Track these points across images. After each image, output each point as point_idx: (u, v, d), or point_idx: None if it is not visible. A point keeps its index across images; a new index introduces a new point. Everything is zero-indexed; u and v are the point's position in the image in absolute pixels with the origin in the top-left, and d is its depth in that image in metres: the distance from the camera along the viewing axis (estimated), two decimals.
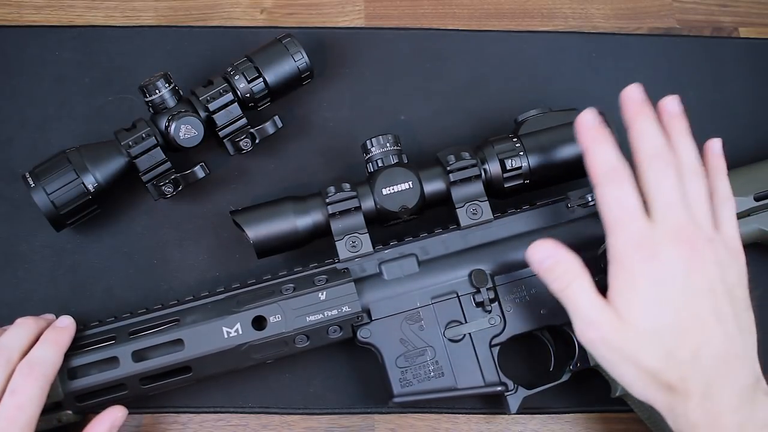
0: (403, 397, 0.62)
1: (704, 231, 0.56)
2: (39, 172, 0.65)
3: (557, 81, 0.78)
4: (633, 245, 0.55)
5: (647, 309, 0.55)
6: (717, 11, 0.82)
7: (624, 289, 0.55)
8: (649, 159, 0.57)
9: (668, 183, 0.56)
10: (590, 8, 0.82)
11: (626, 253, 0.55)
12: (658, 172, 0.56)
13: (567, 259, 0.57)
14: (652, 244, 0.55)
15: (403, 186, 0.64)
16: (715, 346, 0.54)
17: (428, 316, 0.63)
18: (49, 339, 0.60)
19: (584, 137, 0.58)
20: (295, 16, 0.80)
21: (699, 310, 0.54)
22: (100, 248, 0.71)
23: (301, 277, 0.63)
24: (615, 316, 0.55)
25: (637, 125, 0.58)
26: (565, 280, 0.57)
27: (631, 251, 0.55)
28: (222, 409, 0.67)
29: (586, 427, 0.68)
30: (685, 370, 0.54)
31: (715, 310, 0.55)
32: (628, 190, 0.56)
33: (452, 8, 0.81)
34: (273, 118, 0.70)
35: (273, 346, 0.61)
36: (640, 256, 0.55)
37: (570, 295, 0.56)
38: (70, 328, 0.62)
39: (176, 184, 0.68)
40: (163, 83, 0.67)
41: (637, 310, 0.55)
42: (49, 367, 0.59)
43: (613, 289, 0.56)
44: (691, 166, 0.58)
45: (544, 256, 0.58)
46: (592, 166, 0.57)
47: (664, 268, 0.55)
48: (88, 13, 0.79)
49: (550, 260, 0.57)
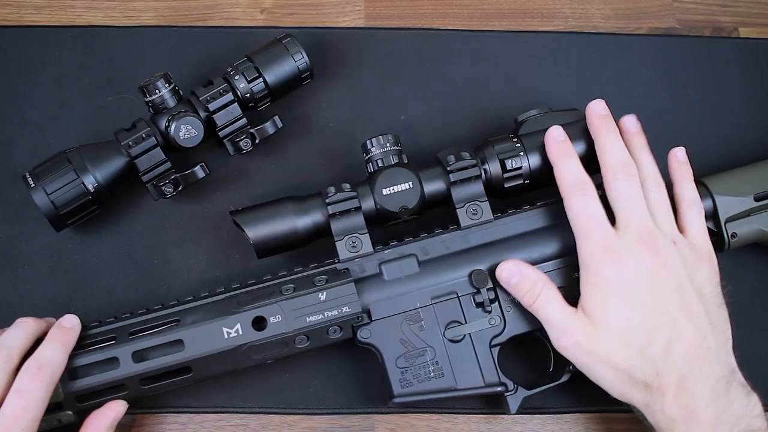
0: (404, 397, 0.62)
1: (667, 234, 0.60)
2: (39, 172, 0.65)
3: (557, 81, 0.78)
4: (600, 251, 0.59)
5: (617, 310, 0.58)
6: (717, 11, 0.82)
7: (593, 293, 0.59)
8: (613, 171, 0.61)
9: (631, 192, 0.61)
10: (590, 8, 0.82)
11: (594, 258, 0.59)
12: (622, 182, 0.61)
13: (532, 275, 0.62)
14: (618, 250, 0.59)
15: (403, 186, 0.64)
16: (687, 341, 0.57)
17: (428, 316, 0.63)
18: (56, 338, 0.60)
19: (552, 151, 0.63)
20: (295, 16, 0.80)
21: (668, 308, 0.58)
22: (100, 248, 0.71)
23: (301, 278, 0.63)
24: (586, 321, 0.59)
25: (601, 139, 0.63)
26: (533, 294, 0.61)
27: (598, 257, 0.59)
28: (222, 409, 0.67)
29: (586, 427, 0.68)
30: (659, 366, 0.57)
31: (684, 307, 0.58)
32: (592, 202, 0.61)
33: (452, 8, 0.81)
34: (273, 118, 0.70)
35: (273, 347, 0.61)
36: (607, 260, 0.59)
37: (540, 308, 0.61)
38: (76, 328, 0.61)
39: (176, 184, 0.68)
40: (163, 83, 0.66)
41: (607, 312, 0.58)
42: (57, 368, 0.58)
43: (584, 294, 0.60)
44: (651, 177, 0.62)
45: (511, 274, 0.62)
46: (560, 179, 0.62)
47: (630, 271, 0.58)
48: (88, 13, 0.79)
49: (516, 277, 0.62)
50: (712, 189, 0.68)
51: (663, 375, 0.57)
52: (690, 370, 0.56)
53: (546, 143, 0.64)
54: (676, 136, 0.76)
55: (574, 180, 0.62)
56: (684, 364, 0.57)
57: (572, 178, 0.62)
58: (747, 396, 0.57)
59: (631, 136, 0.64)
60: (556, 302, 0.60)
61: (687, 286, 0.59)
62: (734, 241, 0.68)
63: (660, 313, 0.58)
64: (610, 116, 0.64)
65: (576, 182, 0.61)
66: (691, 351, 0.57)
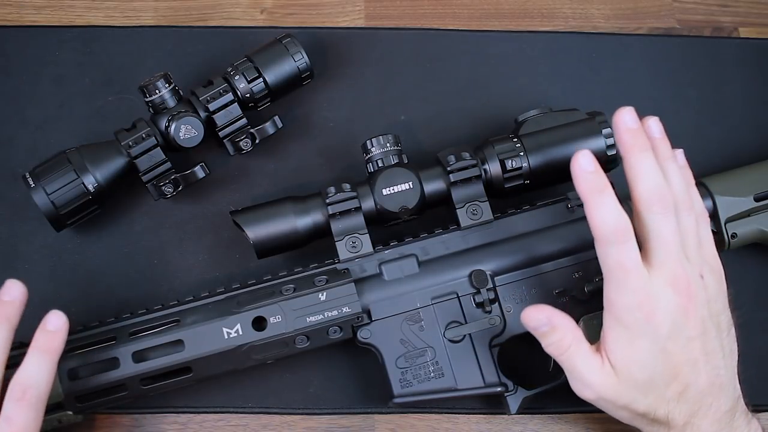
0: (404, 397, 0.62)
1: (695, 267, 0.57)
2: (39, 172, 0.65)
3: (557, 81, 0.78)
4: (635, 306, 0.55)
5: (643, 364, 0.56)
6: (717, 11, 0.82)
7: (620, 345, 0.57)
8: (648, 203, 0.55)
9: (667, 230, 0.55)
10: (590, 8, 0.82)
11: (626, 311, 0.56)
12: (658, 216, 0.55)
13: (562, 326, 0.57)
14: (650, 300, 0.55)
15: (404, 186, 0.64)
16: (702, 383, 0.56)
17: (428, 316, 0.63)
18: (40, 349, 0.56)
19: (583, 188, 0.55)
20: (295, 16, 0.80)
21: (690, 355, 0.56)
22: (100, 248, 0.71)
23: (302, 278, 0.63)
24: (610, 373, 0.57)
25: (632, 160, 0.56)
26: (562, 347, 0.58)
27: (631, 310, 0.55)
28: (222, 409, 0.67)
29: (586, 427, 0.68)
30: (672, 408, 0.57)
31: (704, 349, 0.57)
32: (632, 250, 0.55)
33: (452, 8, 0.81)
34: (273, 118, 0.70)
35: (273, 347, 0.61)
36: (639, 315, 0.55)
37: (567, 360, 0.58)
38: (63, 330, 0.57)
39: (176, 184, 0.68)
40: (163, 83, 0.66)
41: (633, 366, 0.56)
42: (43, 387, 0.55)
43: (609, 342, 0.57)
44: (682, 201, 0.57)
45: (539, 324, 0.58)
46: (594, 221, 0.55)
47: (662, 323, 0.55)
48: (88, 13, 0.79)
49: (545, 328, 0.57)
50: (712, 189, 0.68)
51: (674, 414, 0.57)
52: (699, 408, 0.57)
53: (574, 175, 0.55)
54: (675, 136, 0.76)
55: (611, 226, 0.54)
56: (695, 403, 0.57)
57: (609, 223, 0.54)
58: (748, 424, 0.58)
59: (656, 144, 0.58)
60: (584, 357, 0.57)
61: (708, 325, 0.57)
62: (734, 241, 0.68)
63: (682, 362, 0.56)
64: (641, 130, 0.57)
65: (614, 228, 0.54)
66: (704, 391, 0.57)
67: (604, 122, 0.66)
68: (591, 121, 0.66)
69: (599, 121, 0.66)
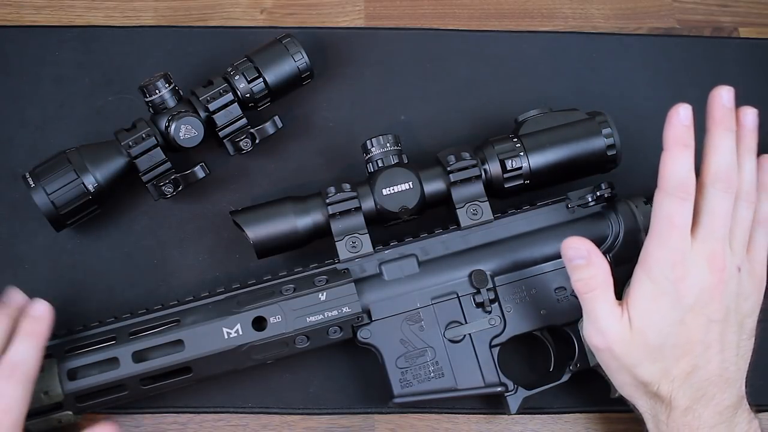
0: (404, 397, 0.62)
1: (736, 258, 0.58)
2: (39, 172, 0.65)
3: (557, 81, 0.78)
4: (669, 263, 0.56)
5: (660, 327, 0.56)
6: (717, 11, 0.82)
7: (644, 301, 0.57)
8: (714, 178, 0.57)
9: (723, 209, 0.57)
10: (590, 8, 0.82)
11: (658, 267, 0.56)
12: (719, 193, 0.57)
13: (597, 265, 0.58)
14: (686, 265, 0.56)
15: (404, 186, 0.64)
16: (710, 371, 0.57)
17: (428, 316, 0.63)
18: (26, 332, 0.58)
19: (671, 135, 0.56)
20: (295, 16, 0.80)
21: (706, 336, 0.56)
22: (100, 248, 0.71)
23: (302, 278, 0.63)
24: (626, 327, 0.57)
25: (715, 136, 0.58)
26: (590, 285, 0.58)
27: (665, 267, 0.56)
28: (222, 409, 0.67)
29: (586, 427, 0.68)
30: (676, 386, 0.56)
31: (721, 337, 0.57)
32: (687, 209, 0.56)
33: (452, 8, 0.81)
34: (273, 118, 0.70)
35: (273, 347, 0.61)
36: (671, 274, 0.56)
37: (590, 300, 0.58)
38: (47, 316, 0.59)
39: (176, 184, 0.67)
40: (163, 83, 0.66)
41: (650, 326, 0.56)
42: (31, 365, 0.57)
43: (634, 293, 0.57)
44: (747, 191, 0.58)
45: (577, 255, 0.58)
46: (665, 169, 0.56)
47: (688, 292, 0.56)
48: (88, 13, 0.79)
49: (581, 261, 0.58)
50: None
51: (677, 394, 0.56)
52: (704, 395, 0.56)
53: (669, 121, 0.56)
54: None
55: (679, 178, 0.56)
56: (700, 390, 0.56)
57: (678, 175, 0.56)
58: (749, 423, 0.58)
59: (745, 133, 0.59)
60: (609, 303, 0.57)
61: (732, 317, 0.57)
62: None
63: (697, 340, 0.56)
64: (733, 111, 0.58)
65: (680, 182, 0.56)
66: (711, 379, 0.57)
67: (604, 122, 0.66)
68: (591, 121, 0.66)
69: (599, 121, 0.66)
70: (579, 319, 0.64)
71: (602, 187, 0.65)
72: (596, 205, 0.66)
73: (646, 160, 0.75)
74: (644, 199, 0.67)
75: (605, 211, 0.66)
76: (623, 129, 0.67)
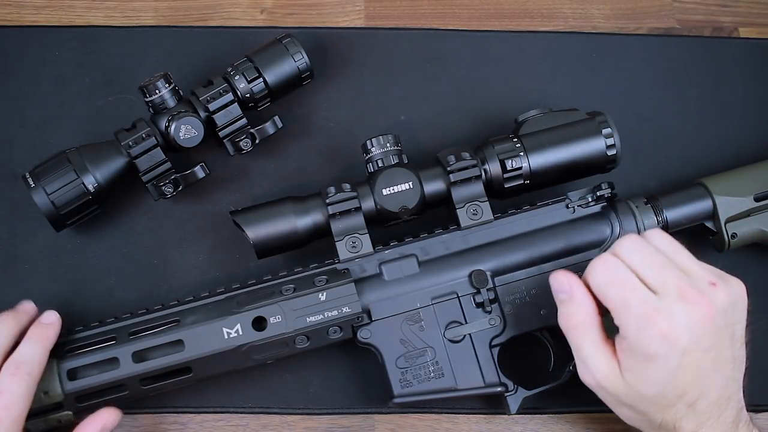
0: (404, 397, 0.62)
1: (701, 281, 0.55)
2: (39, 172, 0.65)
3: (557, 81, 0.78)
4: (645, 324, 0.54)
5: (655, 382, 0.55)
6: (717, 11, 0.82)
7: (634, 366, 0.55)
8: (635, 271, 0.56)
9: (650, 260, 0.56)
10: (590, 8, 0.82)
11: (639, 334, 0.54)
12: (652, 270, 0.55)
13: (579, 302, 0.57)
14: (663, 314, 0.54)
15: (404, 186, 0.64)
16: (712, 396, 0.56)
17: (428, 316, 0.63)
18: (34, 336, 0.60)
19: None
20: (295, 16, 0.80)
21: (703, 366, 0.55)
22: (100, 248, 0.71)
23: (302, 278, 0.63)
24: (617, 371, 0.56)
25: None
26: (573, 322, 0.57)
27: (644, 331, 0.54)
28: (222, 409, 0.67)
29: (586, 427, 0.68)
30: (679, 417, 0.56)
31: (716, 359, 0.55)
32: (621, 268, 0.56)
33: (452, 8, 0.81)
34: (273, 118, 0.70)
35: (273, 347, 0.61)
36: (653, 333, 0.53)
37: (574, 337, 0.57)
38: (56, 325, 0.61)
39: (176, 184, 0.67)
40: (163, 83, 0.66)
41: (645, 384, 0.55)
42: (35, 366, 0.58)
43: (625, 361, 0.55)
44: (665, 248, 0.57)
45: (561, 289, 0.57)
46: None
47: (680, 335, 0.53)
48: (88, 13, 0.79)
49: (564, 295, 0.57)
50: (712, 189, 0.68)
51: (683, 422, 0.56)
52: (709, 418, 0.56)
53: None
54: (675, 136, 0.77)
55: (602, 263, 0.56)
56: (705, 414, 0.56)
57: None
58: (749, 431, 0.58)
59: None
60: (594, 341, 0.56)
61: (723, 333, 0.55)
62: (734, 241, 0.68)
63: (695, 375, 0.55)
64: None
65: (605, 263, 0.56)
66: (713, 402, 0.56)
67: (604, 122, 0.66)
68: (591, 121, 0.66)
69: (599, 121, 0.66)
70: None
71: (602, 187, 0.65)
72: (596, 205, 0.66)
73: (646, 160, 0.75)
74: (644, 199, 0.67)
75: (605, 211, 0.66)
76: (623, 129, 0.67)
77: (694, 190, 0.68)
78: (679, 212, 0.67)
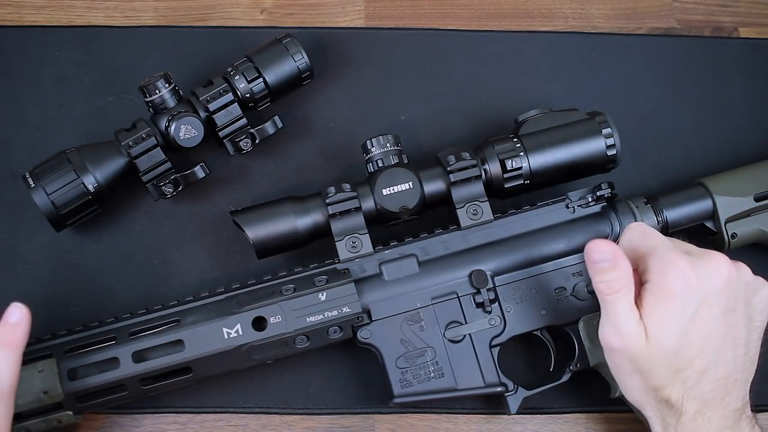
0: (404, 397, 0.62)
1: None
2: (39, 172, 0.65)
3: (557, 81, 0.78)
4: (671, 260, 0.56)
5: (675, 330, 0.56)
6: (717, 11, 0.82)
7: (657, 308, 0.56)
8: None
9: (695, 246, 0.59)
10: (590, 8, 0.82)
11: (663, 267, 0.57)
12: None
13: (623, 268, 0.57)
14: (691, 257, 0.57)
15: (404, 186, 0.64)
16: (721, 371, 0.57)
17: (428, 316, 0.63)
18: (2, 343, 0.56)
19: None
20: (295, 16, 0.80)
21: (718, 331, 0.56)
22: (100, 248, 0.71)
23: (302, 278, 0.63)
24: (642, 332, 0.56)
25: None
26: (614, 287, 0.57)
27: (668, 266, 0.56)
28: (222, 409, 0.67)
29: (586, 427, 0.68)
30: (687, 388, 0.56)
31: (731, 331, 0.57)
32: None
33: (452, 8, 0.81)
34: (273, 118, 0.70)
35: (273, 347, 0.61)
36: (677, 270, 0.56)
37: (612, 302, 0.57)
38: (24, 322, 0.57)
39: (176, 184, 0.67)
40: (163, 83, 0.66)
41: (664, 331, 0.56)
42: (7, 380, 0.55)
43: (646, 305, 0.57)
44: None
45: (603, 258, 0.58)
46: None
47: (699, 285, 0.56)
48: (88, 13, 0.79)
49: (607, 264, 0.57)
50: (712, 189, 0.68)
51: (688, 398, 0.56)
52: (714, 398, 0.57)
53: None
54: (675, 136, 0.77)
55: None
56: (710, 392, 0.56)
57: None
58: (752, 429, 0.58)
59: None
60: (630, 305, 0.57)
61: (741, 306, 0.58)
62: (734, 241, 0.68)
63: (710, 336, 0.56)
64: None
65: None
66: (721, 380, 0.57)
67: (604, 122, 0.66)
68: (591, 121, 0.66)
69: (599, 121, 0.66)
70: (579, 319, 0.64)
71: (602, 187, 0.66)
72: (596, 205, 0.66)
73: (646, 160, 0.75)
74: (644, 199, 0.67)
75: (605, 211, 0.66)
76: (623, 129, 0.67)
77: (694, 190, 0.68)
78: (679, 212, 0.67)
